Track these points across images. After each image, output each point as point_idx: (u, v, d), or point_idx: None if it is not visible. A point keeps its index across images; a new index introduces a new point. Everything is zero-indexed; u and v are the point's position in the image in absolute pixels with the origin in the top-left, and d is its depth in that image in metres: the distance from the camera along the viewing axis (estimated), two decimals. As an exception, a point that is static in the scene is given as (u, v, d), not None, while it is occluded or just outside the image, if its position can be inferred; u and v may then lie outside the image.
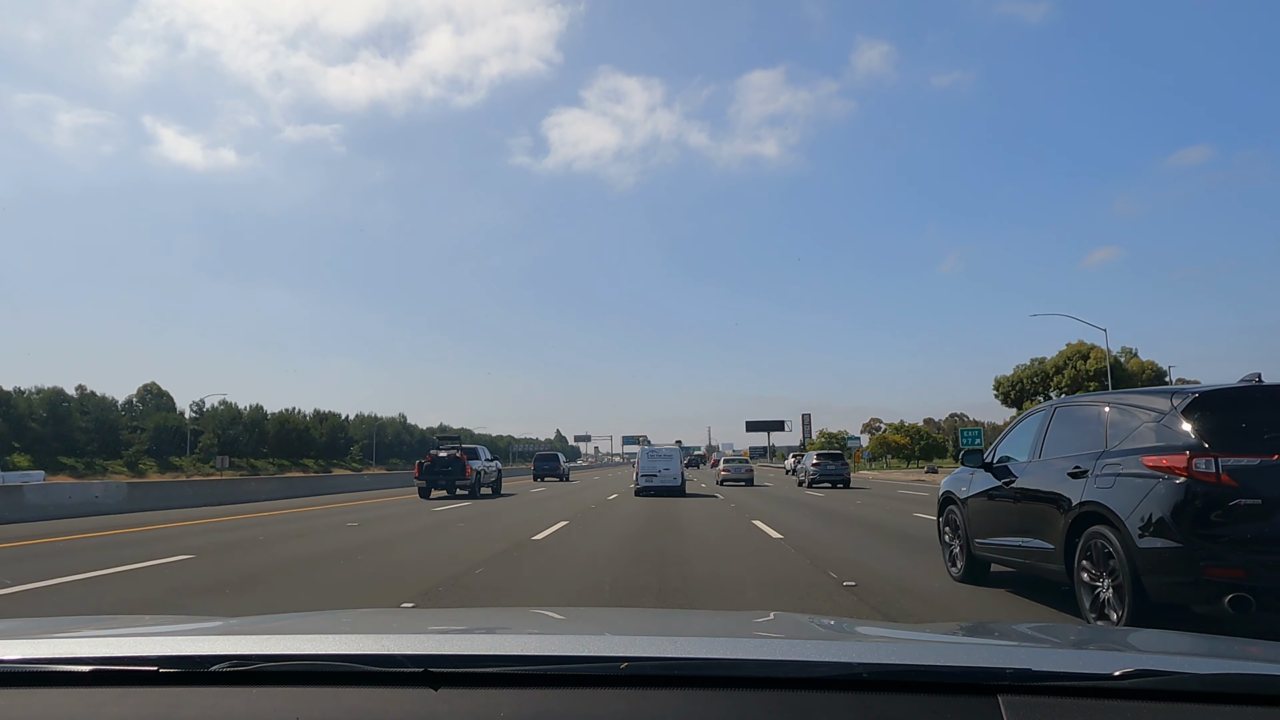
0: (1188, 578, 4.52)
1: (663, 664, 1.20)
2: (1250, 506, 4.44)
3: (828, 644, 1.48)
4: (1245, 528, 4.45)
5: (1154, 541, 4.67)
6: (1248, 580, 4.36)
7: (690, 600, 6.68)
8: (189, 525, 15.00)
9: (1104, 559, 5.08)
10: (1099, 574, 5.15)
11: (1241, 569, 4.38)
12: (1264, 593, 4.34)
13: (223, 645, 1.26)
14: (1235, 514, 4.46)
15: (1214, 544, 4.46)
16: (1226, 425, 4.73)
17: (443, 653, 1.23)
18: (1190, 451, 4.63)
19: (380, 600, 6.77)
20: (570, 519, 15.24)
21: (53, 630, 1.58)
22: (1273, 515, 4.43)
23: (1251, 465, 4.49)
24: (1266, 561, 4.36)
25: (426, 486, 24.53)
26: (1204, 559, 4.45)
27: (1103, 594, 5.10)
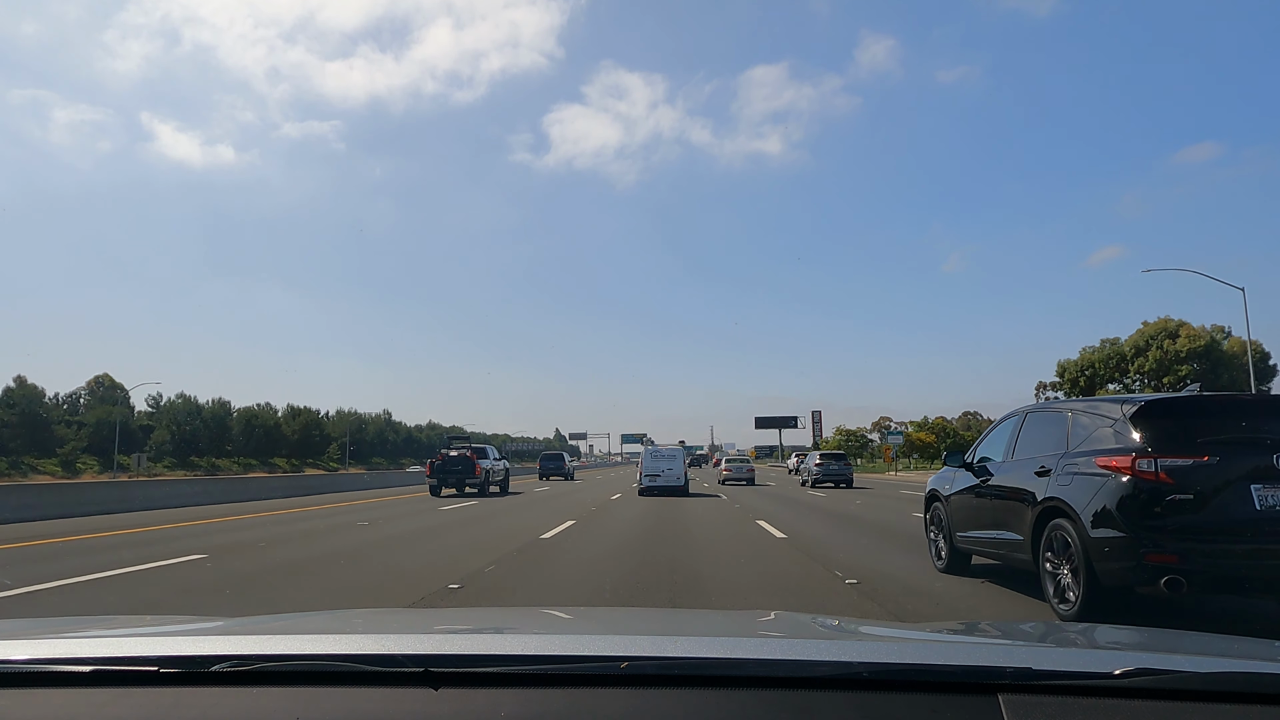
0: (1131, 563, 5.19)
1: (663, 664, 1.21)
2: (1184, 500, 5.12)
3: (828, 643, 1.50)
4: (1179, 519, 5.12)
5: (1103, 532, 5.35)
6: (1180, 565, 5.03)
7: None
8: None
9: (1064, 548, 5.76)
10: (1060, 562, 5.82)
11: (1176, 555, 5.05)
12: (1194, 576, 5.01)
13: (223, 645, 1.27)
14: (1171, 507, 5.13)
15: (1153, 533, 5.14)
16: (1167, 430, 5.41)
17: (443, 653, 1.24)
18: (1135, 453, 5.31)
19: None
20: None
21: (53, 630, 1.59)
22: (1203, 508, 5.10)
23: (1186, 465, 5.17)
24: (1196, 549, 5.04)
25: (437, 484, 25.64)
26: (1144, 547, 5.13)
27: (1063, 580, 5.77)
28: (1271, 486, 5.05)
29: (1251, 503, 5.04)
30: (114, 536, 12.65)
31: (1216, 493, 5.11)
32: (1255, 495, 5.05)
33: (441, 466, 25.46)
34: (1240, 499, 5.06)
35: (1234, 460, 5.15)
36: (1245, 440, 5.28)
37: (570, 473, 51.04)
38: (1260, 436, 5.27)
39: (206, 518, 16.91)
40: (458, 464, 25.25)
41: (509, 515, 17.32)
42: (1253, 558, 5.03)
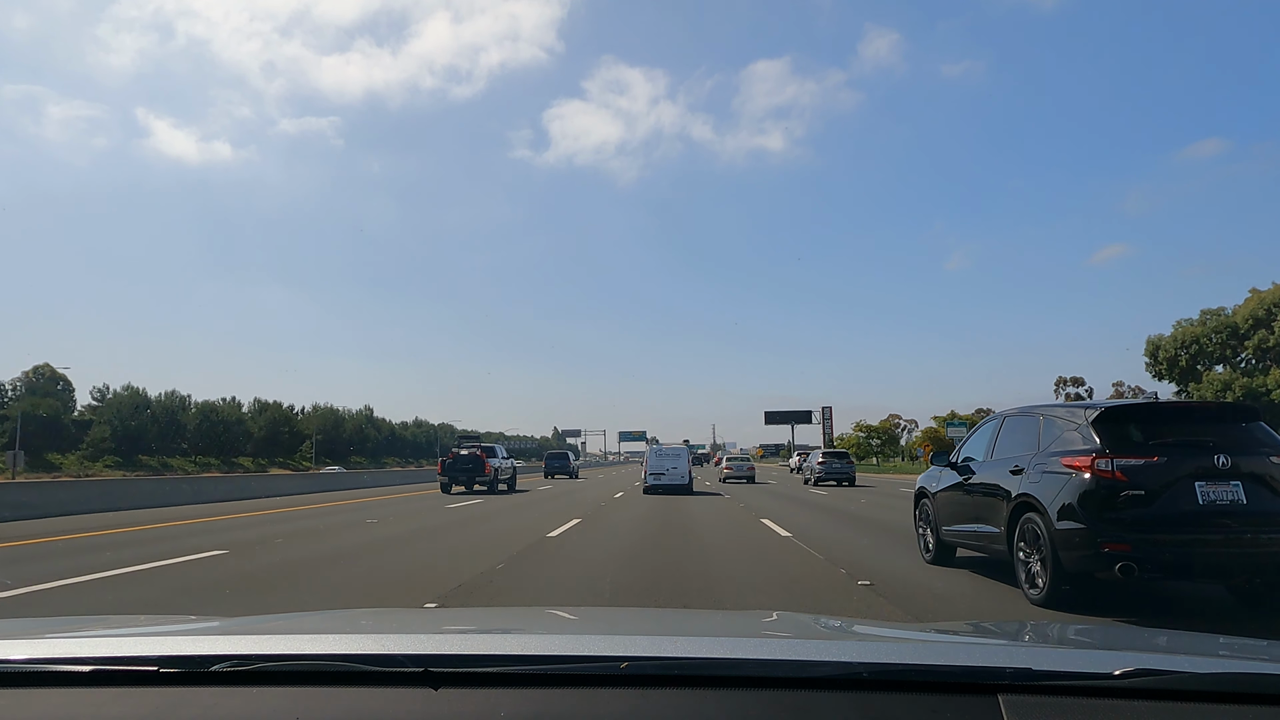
0: (1090, 552, 5.84)
1: (663, 664, 1.22)
2: (1136, 496, 5.78)
3: (828, 644, 1.51)
4: (1133, 513, 5.78)
5: (1067, 524, 6.00)
6: (1133, 553, 5.68)
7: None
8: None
9: (1034, 539, 6.42)
10: (1031, 551, 6.48)
11: (1129, 544, 5.71)
12: (1144, 562, 5.67)
13: (223, 645, 1.28)
14: (1126, 502, 5.79)
15: (1109, 525, 5.79)
16: (1123, 434, 6.07)
17: (443, 653, 1.25)
18: (1095, 454, 5.97)
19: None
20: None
21: (53, 630, 1.60)
22: (1153, 503, 5.76)
23: (1138, 464, 5.83)
24: (1147, 539, 5.69)
25: (448, 482, 26.61)
26: (1102, 537, 5.78)
27: (1033, 568, 6.43)
28: (1213, 484, 5.72)
29: (1195, 498, 5.70)
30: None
31: (1165, 489, 5.77)
32: (1199, 491, 5.71)
33: (452, 465, 26.48)
34: (1185, 495, 5.72)
35: (1181, 460, 5.81)
36: (1191, 443, 5.94)
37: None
38: (1204, 439, 5.93)
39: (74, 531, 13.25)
40: (468, 462, 26.28)
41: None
42: (1196, 546, 5.69)
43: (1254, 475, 5.76)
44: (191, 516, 16.80)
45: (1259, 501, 5.71)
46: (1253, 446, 5.91)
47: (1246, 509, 5.68)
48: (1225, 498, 5.70)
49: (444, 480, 26.66)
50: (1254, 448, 5.90)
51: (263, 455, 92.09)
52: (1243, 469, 5.74)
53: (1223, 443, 5.86)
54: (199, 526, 14.35)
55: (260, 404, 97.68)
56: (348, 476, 37.49)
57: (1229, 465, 5.73)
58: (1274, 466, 5.83)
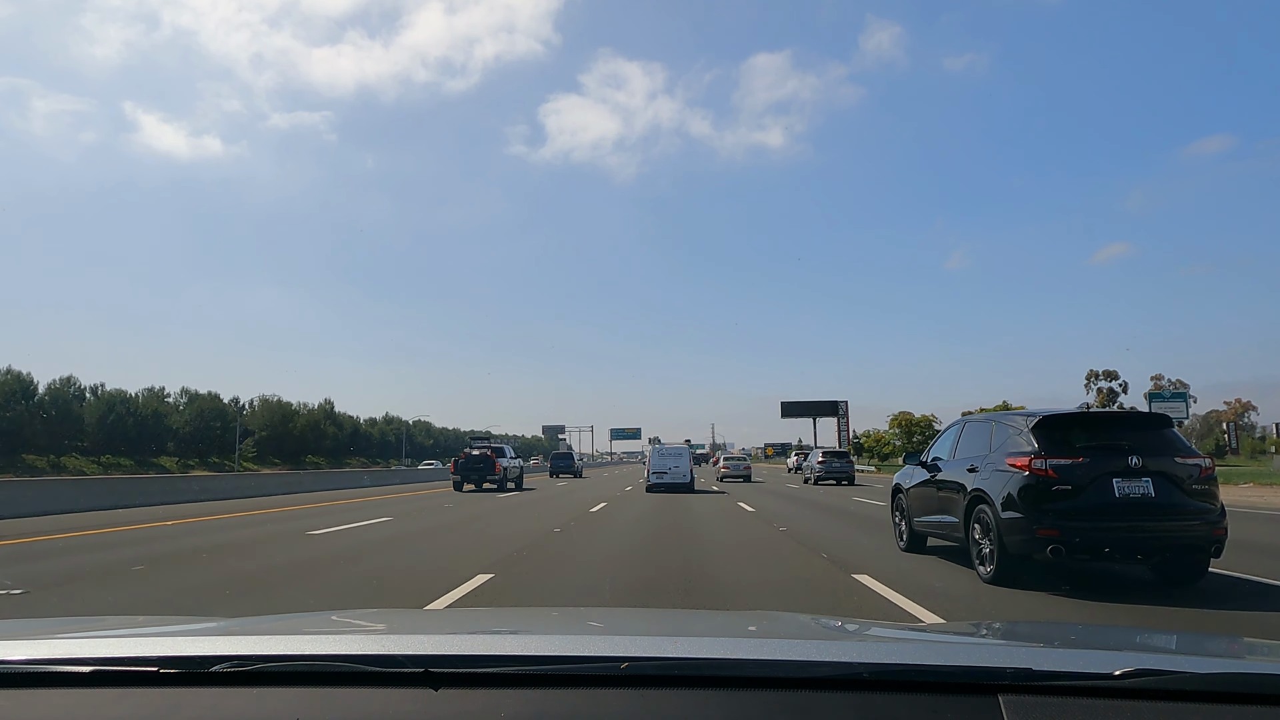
0: (1027, 536, 7.02)
1: (663, 664, 1.24)
2: (1064, 490, 6.95)
3: (828, 644, 1.52)
4: (1061, 504, 6.95)
5: (1010, 513, 7.18)
6: (1060, 537, 6.86)
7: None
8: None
9: (985, 527, 7.59)
10: (982, 537, 7.66)
11: (1058, 530, 6.88)
12: (1070, 545, 6.84)
13: (223, 645, 1.29)
14: (1055, 495, 6.97)
15: (1042, 514, 6.97)
16: (1055, 438, 7.25)
17: (443, 653, 1.26)
18: (1032, 455, 7.15)
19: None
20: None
21: (53, 631, 1.60)
22: (1078, 495, 6.94)
23: (1067, 464, 7.01)
24: (1073, 525, 6.87)
25: (460, 480, 28.27)
26: (1036, 524, 6.96)
27: (984, 550, 7.61)
28: (1127, 480, 6.90)
29: (1113, 492, 6.88)
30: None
31: (1088, 484, 6.94)
32: (1115, 486, 6.89)
33: (465, 464, 28.17)
34: (1105, 489, 6.90)
35: (1102, 461, 6.99)
36: (1111, 446, 7.11)
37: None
38: (1121, 443, 7.10)
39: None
40: (479, 462, 27.91)
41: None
42: (1112, 532, 6.86)
43: (1162, 473, 6.94)
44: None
45: (1165, 495, 6.89)
46: (1163, 450, 7.09)
47: (1155, 501, 6.86)
48: (1137, 492, 6.88)
49: (456, 479, 28.35)
50: (1164, 451, 7.08)
51: (191, 454, 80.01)
52: (1152, 468, 6.92)
53: (1137, 446, 7.04)
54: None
55: (190, 395, 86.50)
56: (269, 479, 31.41)
57: (1141, 465, 6.91)
58: (1179, 466, 7.01)
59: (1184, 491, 6.96)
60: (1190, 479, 6.98)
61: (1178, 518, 6.88)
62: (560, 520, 15.13)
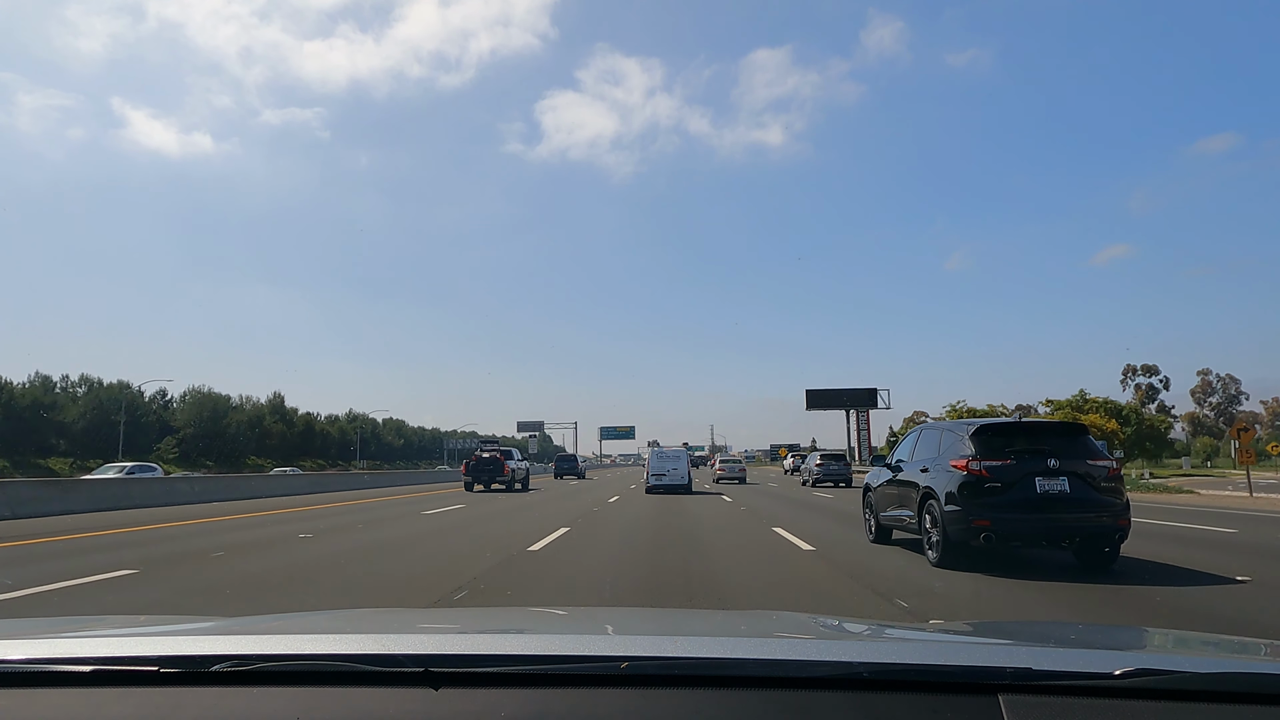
0: (964, 525, 8.38)
1: (663, 663, 1.24)
2: (995, 487, 8.31)
3: (828, 643, 1.55)
4: (992, 499, 8.31)
5: (950, 507, 8.54)
6: (991, 527, 8.21)
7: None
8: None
9: (933, 519, 8.95)
10: (931, 527, 9.01)
11: (989, 520, 8.24)
12: (999, 534, 8.19)
13: (223, 645, 1.30)
14: (988, 491, 8.33)
15: (976, 507, 8.33)
16: (989, 443, 8.61)
17: (443, 652, 1.27)
18: (968, 458, 8.51)
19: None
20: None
21: (54, 630, 1.63)
22: (1006, 492, 8.29)
23: (997, 465, 8.37)
24: (1001, 516, 8.22)
25: (471, 481, 30.21)
26: (972, 515, 8.32)
27: (932, 538, 8.96)
28: (1047, 479, 8.26)
29: (1035, 489, 8.24)
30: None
31: (1014, 482, 8.31)
32: (1037, 484, 8.25)
33: (476, 466, 30.11)
34: (1028, 486, 8.26)
35: (1026, 463, 8.35)
36: (1034, 450, 8.47)
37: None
38: (1043, 448, 8.46)
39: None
40: (489, 464, 29.89)
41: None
42: (1034, 523, 8.22)
43: (1076, 473, 8.30)
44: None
45: (1078, 492, 8.25)
46: (1077, 454, 8.45)
47: (1069, 497, 8.22)
48: (1055, 489, 8.24)
49: (468, 480, 30.25)
50: (1078, 455, 8.44)
51: (92, 454, 65.49)
52: (1067, 469, 8.28)
53: (1056, 451, 8.40)
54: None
55: (90, 384, 74.75)
56: (158, 484, 24.33)
57: (1058, 466, 8.27)
58: (1090, 467, 8.37)
59: (1094, 489, 8.32)
60: (1100, 478, 8.35)
61: (1088, 510, 8.24)
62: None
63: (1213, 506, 21.45)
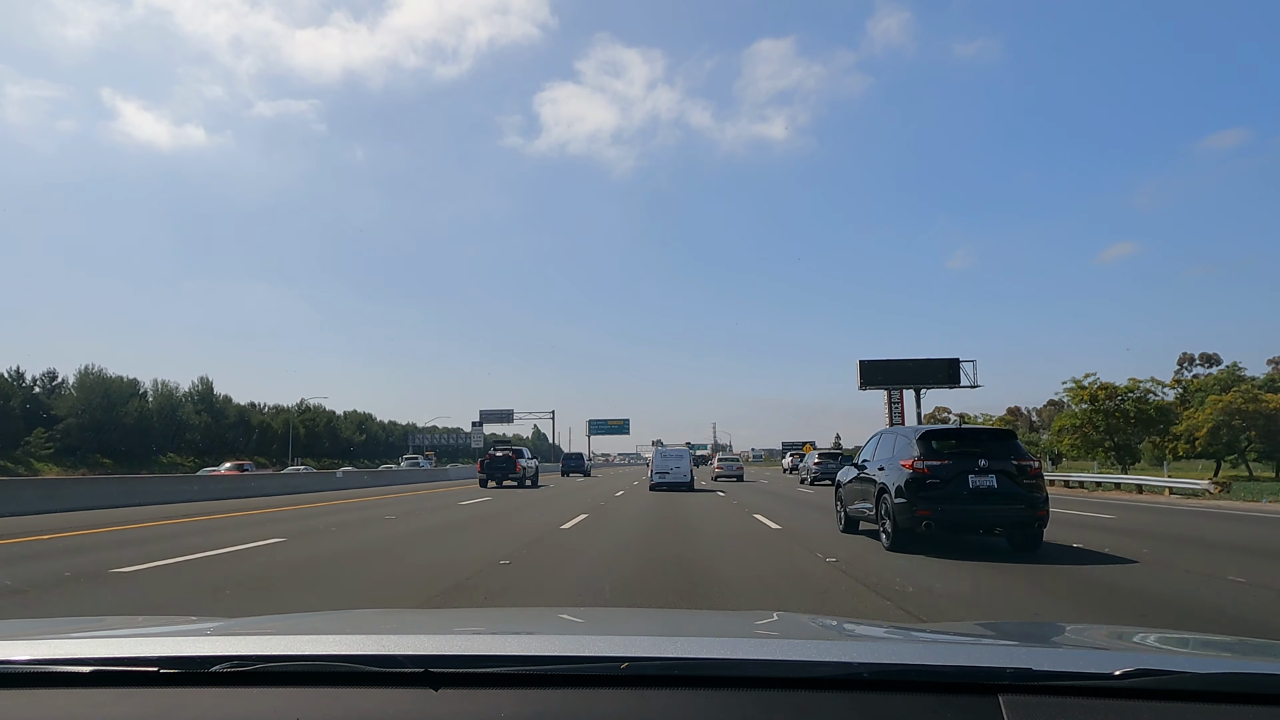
0: (910, 515, 10.00)
1: (663, 664, 1.25)
2: (935, 483, 9.94)
3: (828, 644, 1.56)
4: (933, 493, 9.93)
5: (899, 500, 10.18)
6: (932, 516, 9.84)
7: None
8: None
9: (887, 510, 10.58)
10: (885, 517, 10.65)
11: (930, 511, 9.87)
12: (938, 522, 9.82)
13: (223, 646, 1.30)
14: (929, 486, 9.96)
15: (920, 500, 9.95)
16: (931, 446, 10.24)
17: (443, 653, 1.28)
18: (915, 458, 10.14)
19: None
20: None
21: (53, 631, 1.64)
22: (944, 487, 9.91)
23: (936, 464, 10.00)
24: (940, 508, 9.85)
25: (486, 478, 32.60)
26: (915, 507, 9.95)
27: (886, 527, 10.59)
28: (978, 476, 9.88)
29: (967, 484, 9.87)
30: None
31: (951, 479, 9.93)
32: (970, 480, 9.88)
33: (490, 464, 32.59)
34: (962, 482, 9.89)
35: (961, 462, 9.97)
36: (967, 452, 10.10)
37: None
38: (975, 450, 10.09)
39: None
40: (503, 463, 32.41)
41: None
42: (967, 513, 9.85)
43: (1002, 471, 9.92)
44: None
45: (1004, 487, 9.87)
46: (1004, 455, 10.07)
47: (996, 491, 9.84)
48: (984, 485, 9.86)
49: (482, 477, 32.66)
50: (1005, 456, 10.06)
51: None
52: (995, 468, 9.91)
53: (986, 452, 10.03)
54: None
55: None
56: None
57: (987, 465, 9.90)
58: (1015, 467, 9.98)
59: (1018, 484, 9.94)
60: (1022, 475, 9.96)
61: (1011, 503, 9.86)
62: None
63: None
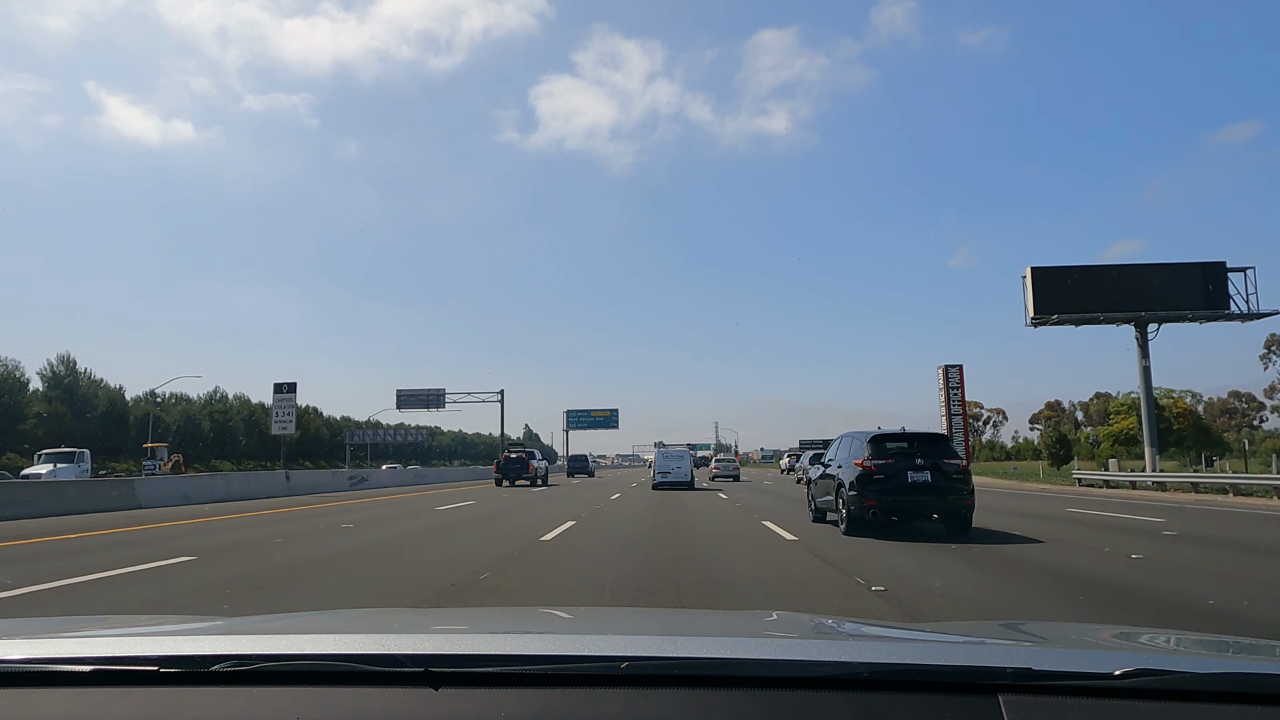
0: (860, 505, 12.07)
1: (663, 664, 1.25)
2: (880, 478, 12.01)
3: (828, 644, 1.57)
4: (878, 486, 12.00)
5: (851, 492, 12.26)
6: (878, 505, 11.91)
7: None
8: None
9: (843, 501, 12.66)
10: (842, 507, 12.72)
11: (876, 501, 11.94)
12: (883, 510, 11.89)
13: (223, 645, 1.30)
14: (875, 481, 12.03)
15: (868, 492, 12.02)
16: (878, 448, 12.32)
17: (443, 652, 1.27)
18: (864, 458, 12.22)
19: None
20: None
21: (53, 630, 1.65)
22: (887, 482, 11.97)
23: (881, 463, 12.08)
24: (884, 499, 11.91)
25: (501, 477, 35.50)
26: (865, 498, 12.02)
27: (842, 514, 12.65)
28: (915, 472, 11.95)
29: (906, 479, 11.94)
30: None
31: (893, 475, 12.00)
32: (908, 476, 11.95)
33: (505, 465, 35.54)
34: (902, 477, 11.96)
35: (901, 461, 12.05)
36: (908, 452, 12.17)
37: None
38: (914, 451, 12.16)
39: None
40: (516, 463, 35.32)
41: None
42: (906, 503, 11.93)
43: (936, 468, 11.99)
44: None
45: (937, 481, 11.94)
46: (938, 455, 12.14)
47: (930, 484, 11.91)
48: (920, 479, 11.93)
49: (498, 476, 35.57)
50: (939, 455, 12.14)
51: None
52: (929, 465, 11.97)
53: (922, 453, 12.11)
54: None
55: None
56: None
57: (923, 463, 11.96)
58: (947, 465, 12.05)
59: (948, 479, 12.01)
60: (952, 472, 12.03)
61: (942, 494, 11.94)
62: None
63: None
